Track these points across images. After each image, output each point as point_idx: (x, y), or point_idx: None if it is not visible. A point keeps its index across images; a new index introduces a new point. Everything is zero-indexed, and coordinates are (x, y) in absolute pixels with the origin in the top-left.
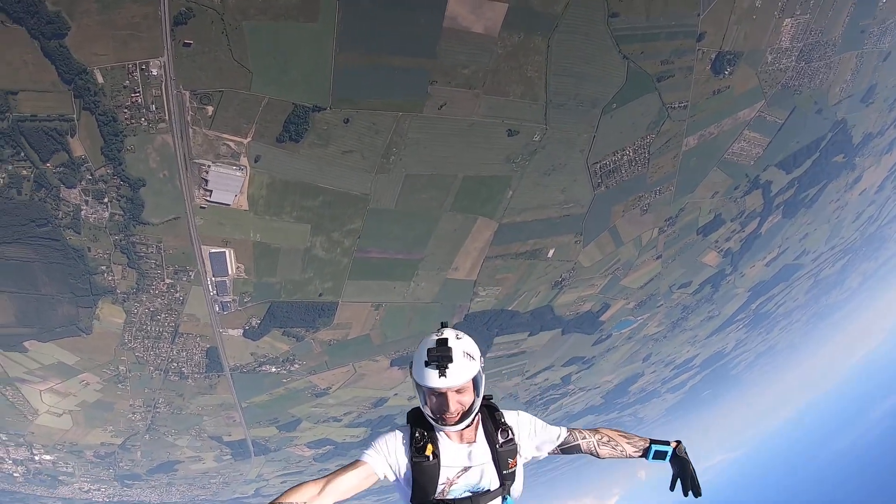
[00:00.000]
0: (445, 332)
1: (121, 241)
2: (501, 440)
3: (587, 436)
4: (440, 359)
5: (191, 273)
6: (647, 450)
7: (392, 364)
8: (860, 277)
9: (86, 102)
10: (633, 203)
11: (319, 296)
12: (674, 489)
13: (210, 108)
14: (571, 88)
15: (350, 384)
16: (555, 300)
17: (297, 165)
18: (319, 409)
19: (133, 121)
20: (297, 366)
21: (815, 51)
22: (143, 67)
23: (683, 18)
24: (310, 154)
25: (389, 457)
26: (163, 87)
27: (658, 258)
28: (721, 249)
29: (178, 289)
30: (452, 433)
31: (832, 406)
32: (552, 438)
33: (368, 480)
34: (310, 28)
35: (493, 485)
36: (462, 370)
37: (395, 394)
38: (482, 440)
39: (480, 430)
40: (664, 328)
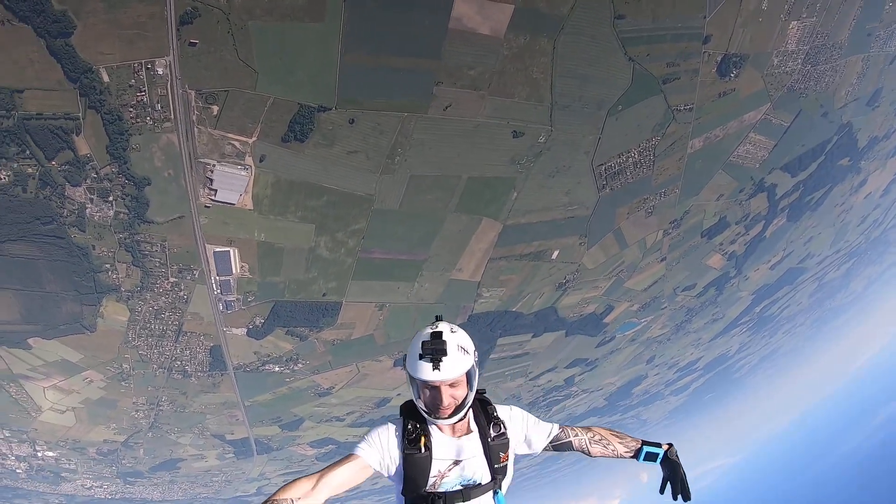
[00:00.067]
0: (440, 326)
1: (125, 240)
2: (493, 434)
3: (579, 433)
4: (434, 352)
5: (195, 272)
6: (639, 451)
7: (395, 364)
8: (864, 281)
9: (91, 101)
10: (638, 205)
11: (323, 296)
12: (663, 492)
13: (215, 108)
14: (577, 90)
15: (353, 384)
16: (559, 302)
17: (302, 165)
18: (322, 409)
19: (138, 120)
20: (301, 365)
21: (821, 54)
22: (149, 67)
23: (689, 21)
24: (315, 154)
25: (382, 449)
26: (168, 87)
27: (662, 261)
28: (725, 252)
29: (182, 287)
30: (445, 426)
31: (835, 410)
32: (544, 434)
33: (362, 474)
34: (315, 28)
35: (485, 478)
36: (456, 364)
37: (399, 394)
38: (474, 434)
39: (473, 424)
40: (668, 330)
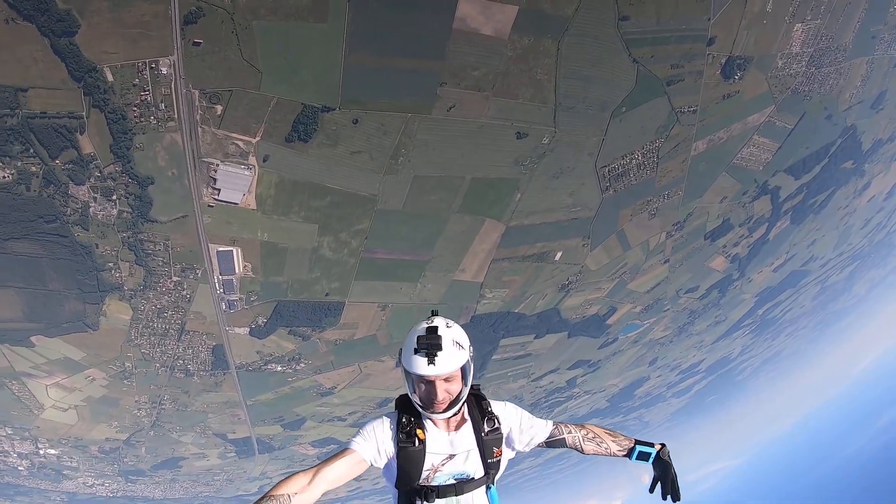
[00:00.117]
0: (436, 321)
1: (128, 239)
2: (487, 429)
3: (573, 430)
4: (429, 346)
5: (198, 271)
6: (632, 450)
7: (398, 365)
8: (868, 284)
9: (95, 100)
10: (641, 207)
11: (326, 296)
12: (653, 492)
13: (219, 108)
14: (581, 91)
15: (355, 384)
16: (561, 303)
17: (306, 165)
18: (324, 409)
19: (142, 119)
20: (303, 365)
21: (826, 56)
22: (153, 66)
23: (694, 22)
24: (318, 154)
25: (377, 443)
26: (172, 86)
27: (665, 262)
28: (729, 254)
29: (185, 286)
30: (439, 421)
31: (838, 413)
32: (538, 430)
33: (358, 467)
34: (320, 29)
35: (478, 473)
36: (451, 359)
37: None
38: (468, 428)
39: (467, 419)
40: (670, 332)
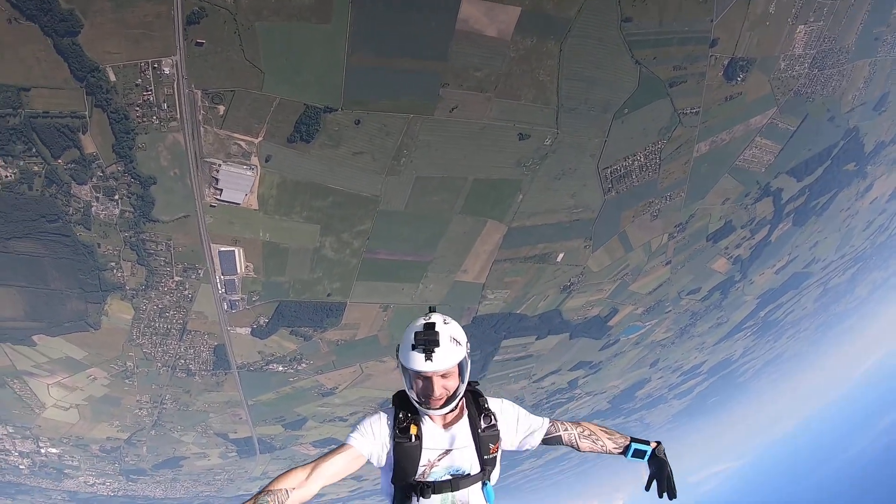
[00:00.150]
0: (433, 317)
1: (130, 238)
2: (484, 426)
3: (569, 428)
4: (427, 342)
5: (200, 271)
6: (627, 447)
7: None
8: (870, 286)
9: (98, 100)
10: (643, 209)
11: (328, 296)
12: (649, 489)
13: (221, 108)
14: (583, 93)
15: (357, 384)
16: (563, 304)
17: (308, 166)
18: (326, 409)
19: (145, 119)
20: (305, 365)
21: (828, 58)
22: (156, 66)
23: (696, 24)
24: (320, 155)
25: (374, 438)
26: (175, 86)
27: (667, 264)
28: (731, 256)
29: (187, 286)
30: (436, 417)
31: (839, 414)
32: (534, 427)
33: (355, 463)
34: (322, 29)
35: (474, 469)
36: (448, 355)
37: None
38: (465, 425)
39: (464, 415)
40: (672, 334)
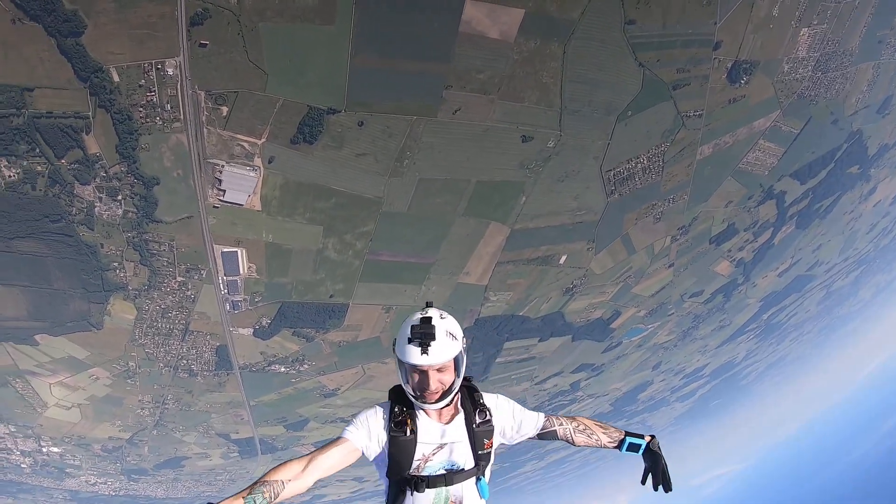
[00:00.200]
0: (430, 311)
1: (133, 239)
2: (479, 421)
3: (564, 423)
4: (423, 336)
5: (202, 272)
6: (622, 441)
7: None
8: (873, 289)
9: (101, 100)
10: (646, 211)
11: (330, 297)
12: (645, 483)
13: (225, 109)
14: (587, 95)
15: (359, 385)
16: (566, 307)
17: (311, 167)
18: (327, 410)
19: (148, 120)
20: (307, 366)
21: (832, 61)
22: (159, 67)
23: (700, 27)
24: (323, 156)
25: (370, 432)
26: (178, 87)
27: (670, 267)
28: (734, 259)
29: (190, 287)
30: (431, 411)
31: (843, 417)
32: (530, 423)
33: (351, 456)
34: (326, 31)
35: (468, 464)
36: (444, 349)
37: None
38: (460, 420)
39: (459, 410)
40: (675, 337)
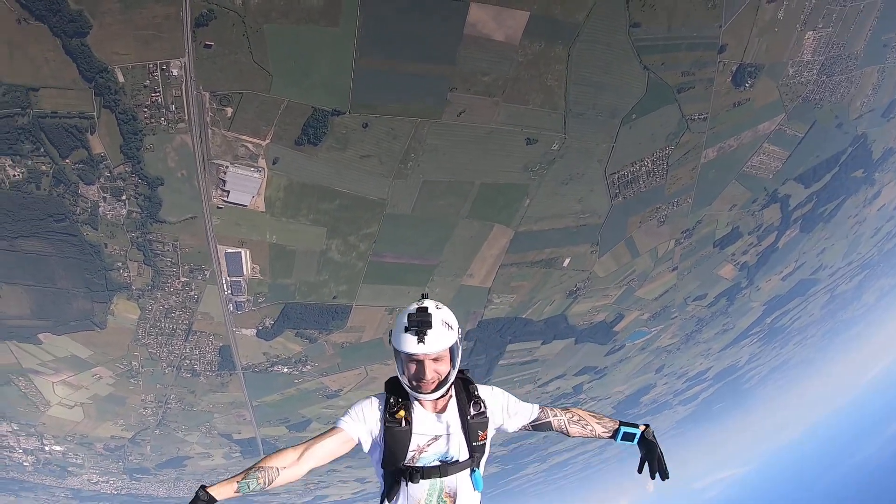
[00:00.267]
0: (426, 302)
1: (137, 239)
2: (473, 412)
3: (558, 414)
4: (420, 324)
5: (206, 272)
6: (617, 431)
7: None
8: (877, 293)
9: (106, 101)
10: (650, 214)
11: (334, 298)
12: (641, 472)
13: (229, 110)
14: (591, 98)
15: (361, 387)
16: (569, 309)
17: (315, 168)
18: (330, 411)
19: (152, 120)
20: (309, 367)
21: (837, 64)
22: (164, 68)
23: (705, 30)
24: (328, 157)
25: (364, 422)
26: (183, 88)
27: (674, 270)
28: (737, 262)
29: (193, 287)
30: (427, 402)
31: (847, 421)
32: (525, 414)
33: (345, 446)
34: (331, 32)
35: (463, 455)
36: (440, 338)
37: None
38: (454, 411)
39: (453, 401)
40: (678, 340)
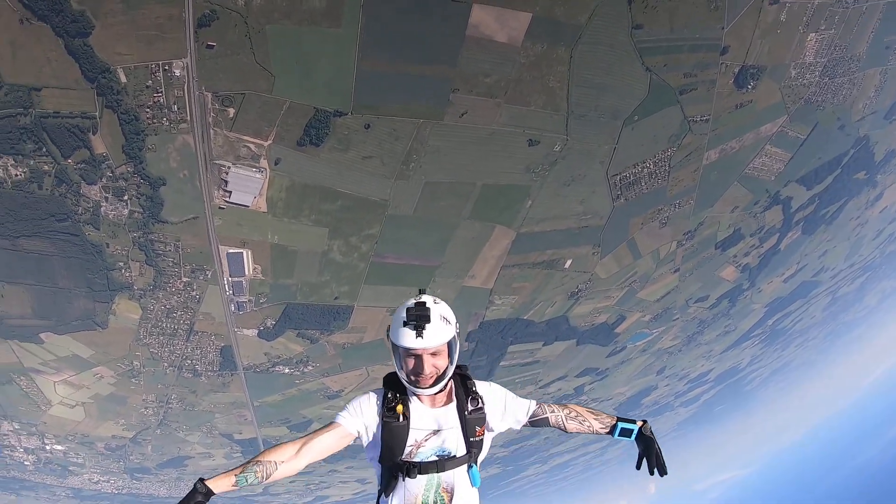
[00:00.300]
0: (423, 297)
1: (139, 239)
2: (471, 408)
3: (556, 410)
4: (418, 319)
5: (208, 272)
6: (614, 427)
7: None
8: (879, 295)
9: (108, 101)
10: (652, 216)
11: (335, 299)
12: (640, 468)
13: (231, 110)
14: (593, 99)
15: (363, 387)
16: (570, 311)
17: (317, 169)
18: (331, 411)
19: (155, 120)
20: (311, 367)
21: (839, 66)
22: (166, 68)
23: (707, 31)
24: (330, 158)
25: (363, 417)
26: (185, 88)
27: (675, 272)
28: (739, 264)
29: (195, 287)
30: (425, 397)
31: (848, 423)
32: (522, 410)
33: (343, 441)
34: (333, 33)
35: (460, 451)
36: (438, 332)
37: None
38: (452, 406)
39: (452, 397)
40: (679, 342)
